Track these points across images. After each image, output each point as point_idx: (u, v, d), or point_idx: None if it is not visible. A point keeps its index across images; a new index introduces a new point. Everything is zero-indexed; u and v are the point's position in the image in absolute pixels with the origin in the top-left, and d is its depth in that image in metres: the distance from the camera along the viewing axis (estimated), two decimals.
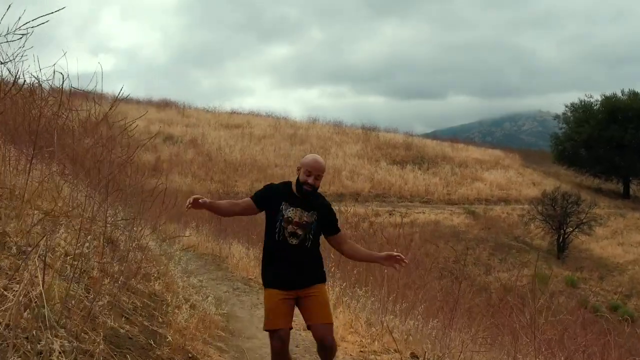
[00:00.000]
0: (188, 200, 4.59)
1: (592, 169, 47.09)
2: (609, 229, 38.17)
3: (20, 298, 3.68)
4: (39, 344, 3.34)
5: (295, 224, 4.35)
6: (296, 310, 4.48)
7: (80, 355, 3.59)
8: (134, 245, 6.48)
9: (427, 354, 6.71)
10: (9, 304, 3.52)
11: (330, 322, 4.42)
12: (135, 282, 5.75)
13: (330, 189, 38.31)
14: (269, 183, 4.78)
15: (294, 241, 4.35)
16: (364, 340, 6.67)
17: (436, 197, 40.51)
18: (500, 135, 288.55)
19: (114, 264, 5.44)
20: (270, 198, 4.52)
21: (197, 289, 7.07)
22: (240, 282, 9.85)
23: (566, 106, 50.39)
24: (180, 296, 6.04)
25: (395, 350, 6.52)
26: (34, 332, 3.43)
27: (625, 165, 45.16)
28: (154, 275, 6.74)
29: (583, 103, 48.90)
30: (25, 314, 3.52)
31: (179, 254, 8.33)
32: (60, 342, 3.51)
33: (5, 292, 3.72)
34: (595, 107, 48.03)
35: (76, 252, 4.88)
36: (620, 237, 37.76)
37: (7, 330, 3.37)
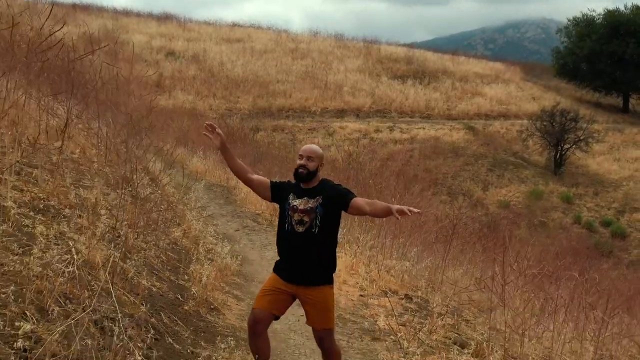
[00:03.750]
0: (207, 123, 4.69)
1: (593, 83, 47.12)
2: (606, 144, 38.58)
3: (70, 268, 4.33)
4: (92, 313, 3.98)
5: (301, 211, 4.44)
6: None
7: (127, 318, 4.24)
8: (157, 195, 7.11)
9: (420, 293, 7.46)
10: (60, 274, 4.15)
11: (328, 327, 4.53)
12: (158, 234, 6.40)
13: (331, 105, 38.68)
14: (287, 180, 4.88)
15: (301, 229, 4.42)
16: (363, 283, 7.38)
17: (436, 112, 40.77)
18: (503, 42, 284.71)
19: (142, 218, 6.07)
20: (282, 190, 4.64)
21: (216, 239, 7.75)
22: (250, 219, 10.52)
23: (568, 20, 49.95)
24: (200, 248, 6.71)
25: (391, 292, 7.25)
26: (87, 302, 4.08)
27: (625, 80, 45.20)
28: (171, 220, 7.41)
29: (585, 17, 48.43)
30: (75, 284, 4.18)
31: (195, 196, 8.97)
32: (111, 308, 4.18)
33: (57, 264, 4.33)
34: (597, 21, 47.56)
35: (113, 214, 5.51)
36: (617, 153, 38.26)
37: (63, 299, 4.02)
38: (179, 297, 5.37)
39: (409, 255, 8.49)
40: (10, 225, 4.62)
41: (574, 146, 35.11)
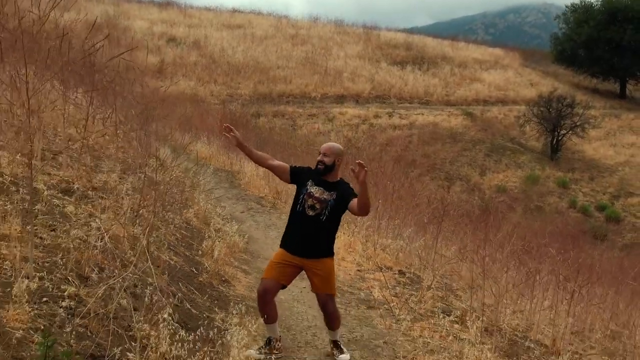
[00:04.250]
0: (225, 125, 5.38)
1: (590, 69, 47.51)
2: (602, 130, 38.99)
3: (100, 242, 4.93)
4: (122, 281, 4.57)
5: (315, 198, 5.10)
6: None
7: (150, 287, 4.83)
8: (169, 178, 7.70)
9: (413, 270, 8.08)
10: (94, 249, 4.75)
11: (330, 293, 5.23)
12: (173, 214, 7.02)
13: (331, 91, 39.19)
14: (308, 166, 5.53)
15: (311, 213, 5.10)
16: (360, 260, 8.01)
17: (435, 98, 41.22)
18: (504, 27, 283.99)
19: (158, 202, 6.66)
20: (301, 174, 5.29)
21: (224, 219, 8.36)
22: (254, 202, 11.15)
23: (566, 6, 50.33)
24: (211, 227, 7.33)
25: (386, 268, 7.87)
26: (115, 272, 4.67)
27: (623, 66, 45.60)
28: (183, 203, 8.02)
29: (583, 3, 48.69)
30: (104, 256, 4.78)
31: (204, 181, 9.57)
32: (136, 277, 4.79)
33: (89, 239, 4.93)
34: (595, 8, 47.88)
35: (134, 197, 6.11)
36: (613, 139, 38.69)
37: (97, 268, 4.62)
38: (194, 270, 5.99)
39: (403, 235, 9.11)
40: (43, 205, 5.20)
41: (570, 132, 35.59)
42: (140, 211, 6.22)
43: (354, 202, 5.06)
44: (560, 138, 35.79)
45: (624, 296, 8.79)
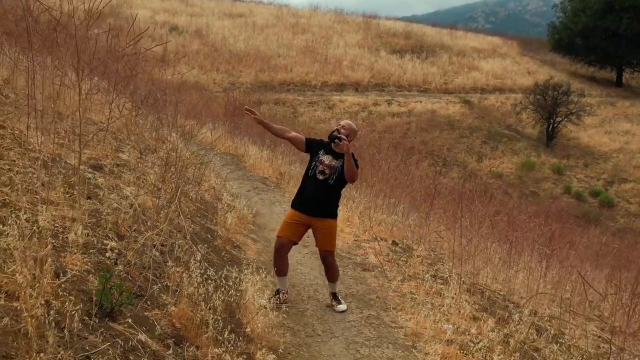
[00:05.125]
0: (246, 107, 6.23)
1: (587, 57, 48.18)
2: (597, 117, 39.72)
3: (130, 210, 5.70)
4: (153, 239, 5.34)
5: (325, 165, 6.00)
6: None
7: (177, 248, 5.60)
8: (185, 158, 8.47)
9: (406, 241, 8.87)
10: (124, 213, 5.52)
11: (330, 249, 6.14)
12: (189, 189, 7.80)
13: (331, 79, 39.86)
14: (320, 138, 6.40)
15: (321, 177, 5.98)
16: (357, 231, 8.82)
17: (433, 86, 41.87)
18: (504, 15, 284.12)
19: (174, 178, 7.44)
20: (315, 145, 6.18)
21: (233, 196, 9.15)
22: (259, 182, 11.93)
23: None
24: (224, 202, 8.12)
25: (381, 239, 8.66)
26: (146, 233, 5.44)
27: (619, 54, 46.25)
28: (196, 181, 8.79)
29: None
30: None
31: (214, 162, 10.35)
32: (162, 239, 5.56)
33: (119, 206, 5.70)
34: None
35: (156, 173, 6.88)
36: (608, 126, 39.39)
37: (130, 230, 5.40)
38: (209, 236, 6.77)
39: (397, 211, 9.91)
40: (78, 178, 5.97)
41: (565, 119, 36.28)
42: (162, 185, 7.00)
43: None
44: (555, 125, 36.49)
45: (601, 265, 9.55)
